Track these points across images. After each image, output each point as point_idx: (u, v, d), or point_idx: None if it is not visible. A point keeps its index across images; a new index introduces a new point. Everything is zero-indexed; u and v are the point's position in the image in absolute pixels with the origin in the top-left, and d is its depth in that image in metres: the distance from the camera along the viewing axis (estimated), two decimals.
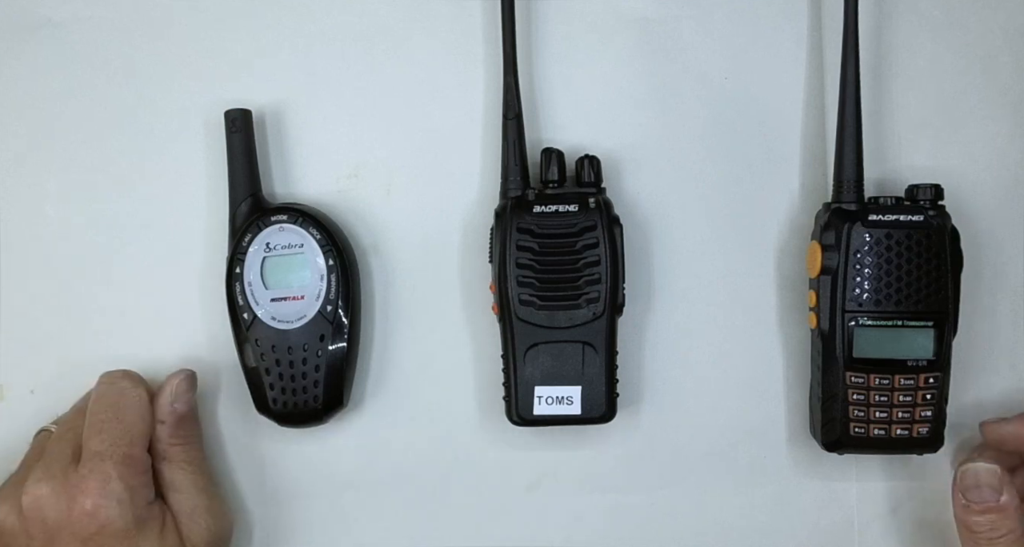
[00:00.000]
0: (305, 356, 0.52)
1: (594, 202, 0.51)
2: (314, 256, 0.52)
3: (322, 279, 0.52)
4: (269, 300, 0.52)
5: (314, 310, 0.52)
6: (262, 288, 0.52)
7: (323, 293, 0.52)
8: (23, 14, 0.56)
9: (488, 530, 0.56)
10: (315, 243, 0.52)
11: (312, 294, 0.52)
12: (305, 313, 0.52)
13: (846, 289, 0.50)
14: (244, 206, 0.53)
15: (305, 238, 0.52)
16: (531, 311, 0.51)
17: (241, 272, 0.52)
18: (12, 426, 0.55)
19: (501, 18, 0.53)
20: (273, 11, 0.55)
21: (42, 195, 0.56)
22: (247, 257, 0.52)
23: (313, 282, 0.52)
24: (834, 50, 0.53)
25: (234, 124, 0.53)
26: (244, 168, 0.53)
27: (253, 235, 0.52)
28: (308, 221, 0.52)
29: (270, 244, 0.52)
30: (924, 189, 0.51)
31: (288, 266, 0.52)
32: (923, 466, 0.55)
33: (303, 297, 0.52)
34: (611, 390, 0.52)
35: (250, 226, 0.52)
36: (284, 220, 0.52)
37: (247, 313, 0.52)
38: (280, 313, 0.52)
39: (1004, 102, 0.55)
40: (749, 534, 0.55)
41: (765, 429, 0.55)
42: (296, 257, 0.52)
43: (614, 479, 0.56)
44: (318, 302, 0.52)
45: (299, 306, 0.52)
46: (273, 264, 0.52)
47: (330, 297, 0.52)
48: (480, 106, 0.55)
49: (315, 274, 0.52)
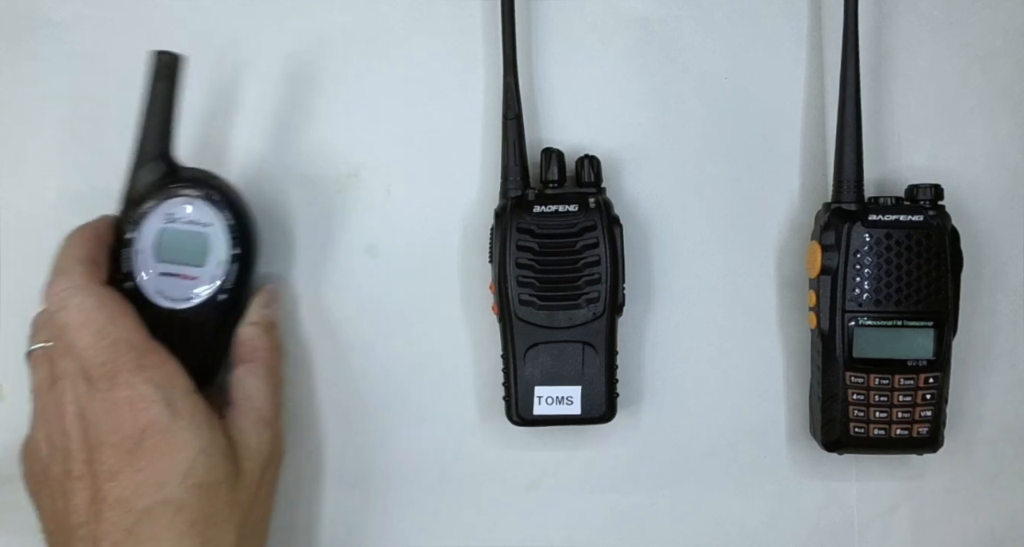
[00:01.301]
0: (183, 340, 0.47)
1: (594, 202, 0.51)
2: (220, 239, 0.48)
3: (219, 266, 0.48)
4: (158, 274, 0.48)
5: (204, 295, 0.48)
6: (151, 259, 0.48)
7: (219, 279, 0.48)
8: (23, 14, 0.56)
9: (488, 530, 0.56)
10: (224, 226, 0.48)
11: (206, 277, 0.48)
12: (193, 296, 0.48)
13: (846, 289, 0.50)
14: (150, 167, 0.48)
15: (214, 217, 0.48)
16: (531, 311, 0.51)
17: (133, 238, 0.48)
18: (12, 426, 0.55)
19: (501, 18, 0.53)
20: (273, 11, 0.55)
21: (42, 195, 0.56)
22: (144, 223, 0.48)
23: (212, 265, 0.48)
24: (834, 50, 0.53)
25: (163, 70, 0.48)
26: (161, 122, 0.48)
27: (157, 202, 0.48)
28: (223, 202, 0.48)
29: (174, 216, 0.48)
30: (924, 189, 0.51)
31: (186, 242, 0.48)
32: (923, 466, 0.55)
33: (196, 278, 0.48)
34: (611, 390, 0.52)
35: (155, 191, 0.48)
36: (197, 195, 0.48)
37: (129, 282, 0.48)
38: (167, 289, 0.48)
39: (1004, 102, 0.55)
40: (749, 534, 0.56)
41: (765, 429, 0.55)
42: (197, 235, 0.48)
43: (614, 479, 0.56)
44: (211, 287, 0.48)
45: (189, 286, 0.48)
46: (169, 236, 0.48)
47: (226, 286, 0.48)
48: (480, 106, 0.55)
49: (215, 257, 0.48)
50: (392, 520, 0.56)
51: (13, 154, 0.56)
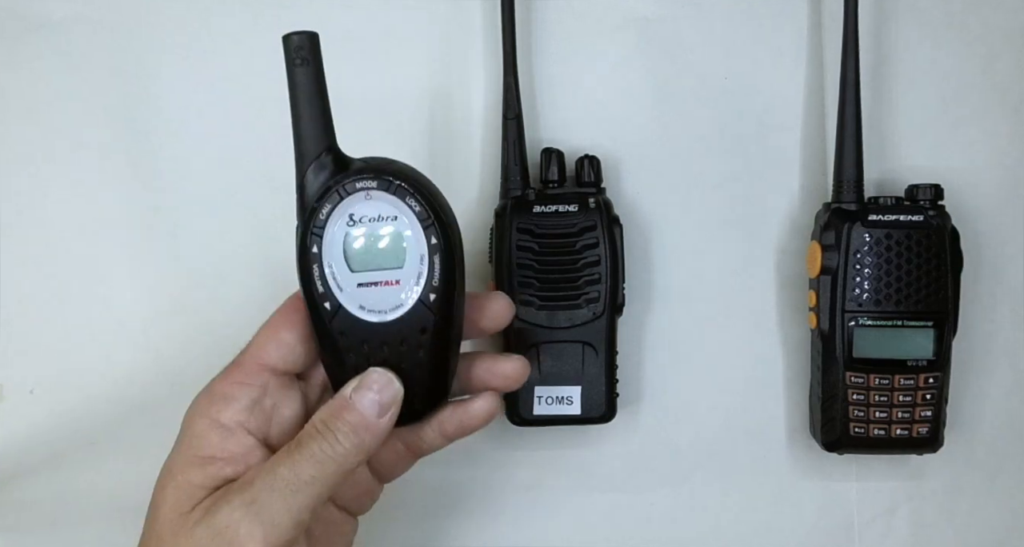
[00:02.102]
0: (402, 352, 0.42)
1: (594, 202, 0.51)
2: (413, 232, 0.41)
3: (422, 261, 0.41)
4: (356, 286, 0.41)
5: (413, 298, 0.41)
6: (347, 271, 0.41)
7: (424, 278, 0.41)
8: (23, 14, 0.56)
9: (488, 530, 0.56)
10: (414, 216, 0.41)
11: (410, 279, 0.41)
12: (401, 302, 0.41)
13: (846, 289, 0.50)
14: (317, 166, 0.41)
15: (400, 208, 0.41)
16: (531, 311, 0.51)
17: (320, 251, 0.41)
18: (12, 426, 0.55)
19: (501, 18, 0.53)
20: (273, 11, 0.55)
21: (42, 195, 0.56)
22: (326, 233, 0.41)
23: (412, 264, 0.41)
24: (834, 50, 0.53)
25: (298, 53, 0.41)
26: (317, 113, 0.41)
27: (333, 205, 0.41)
28: (405, 188, 0.41)
29: (354, 216, 0.41)
30: (924, 189, 0.51)
31: (378, 243, 0.41)
32: (923, 466, 0.55)
33: (398, 282, 0.41)
34: (611, 390, 0.52)
35: (328, 193, 0.41)
36: (373, 186, 0.41)
37: (329, 302, 0.41)
38: (370, 301, 0.41)
39: (1004, 102, 0.55)
40: (749, 534, 0.56)
41: (765, 429, 0.55)
42: (389, 233, 0.41)
43: (614, 479, 0.56)
44: (417, 288, 0.41)
45: (393, 293, 0.41)
46: (358, 240, 0.41)
47: (433, 283, 0.41)
48: (480, 106, 0.55)
49: (414, 254, 0.41)
50: (392, 520, 0.55)
51: (13, 154, 0.56)
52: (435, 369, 0.42)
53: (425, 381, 0.42)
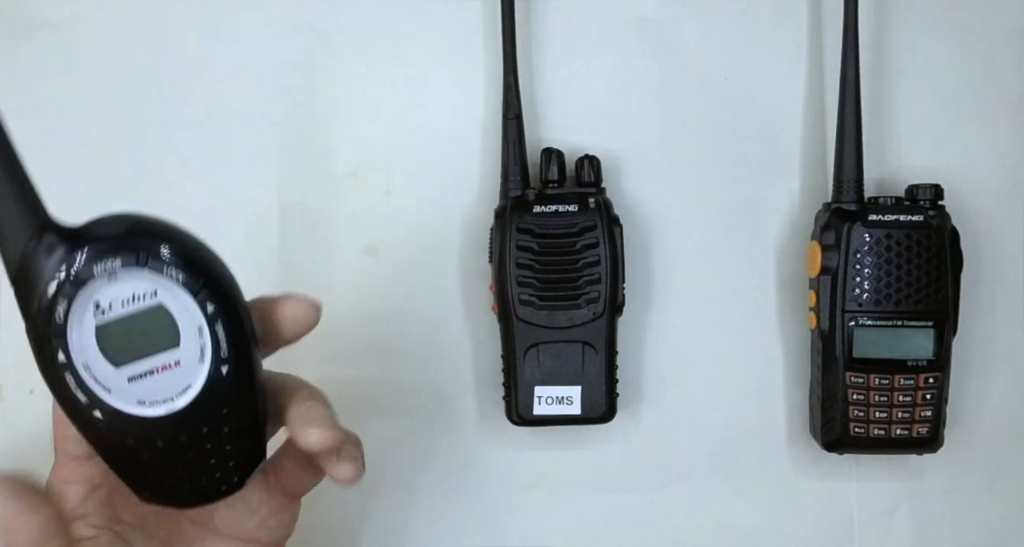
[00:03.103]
0: (205, 434, 0.36)
1: (594, 202, 0.51)
2: (181, 303, 0.34)
3: (202, 333, 0.35)
4: (126, 381, 0.34)
5: (201, 377, 0.35)
6: (110, 369, 0.34)
7: (209, 350, 0.35)
8: (23, 14, 0.56)
9: (488, 530, 0.56)
10: (177, 285, 0.34)
11: (191, 356, 0.35)
12: (189, 383, 0.35)
13: (846, 289, 0.50)
14: (30, 252, 0.33)
15: (158, 281, 0.34)
16: (531, 311, 0.51)
17: (69, 358, 0.34)
18: (12, 426, 0.55)
19: (501, 18, 0.53)
20: (273, 12, 0.55)
21: (42, 194, 0.55)
22: (69, 335, 0.34)
23: (190, 339, 0.35)
24: (834, 50, 0.53)
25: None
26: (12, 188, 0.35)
27: (68, 301, 0.33)
28: (156, 257, 0.34)
29: (100, 304, 0.34)
30: (924, 189, 0.51)
31: (141, 328, 0.34)
32: (923, 466, 0.55)
33: (178, 364, 0.35)
34: (611, 390, 0.52)
35: (57, 288, 0.33)
36: (116, 265, 0.33)
37: (99, 409, 0.34)
38: (149, 393, 0.35)
39: (1004, 102, 0.55)
40: (749, 534, 0.56)
41: (765, 429, 0.55)
42: (149, 312, 0.34)
43: (614, 479, 0.56)
44: (204, 365, 0.35)
45: (176, 377, 0.35)
46: (114, 331, 0.34)
47: (221, 354, 0.35)
48: (480, 106, 0.55)
49: (189, 328, 0.35)
50: (392, 520, 0.56)
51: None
52: (246, 437, 0.37)
53: (238, 452, 0.37)
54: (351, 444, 0.40)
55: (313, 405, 0.38)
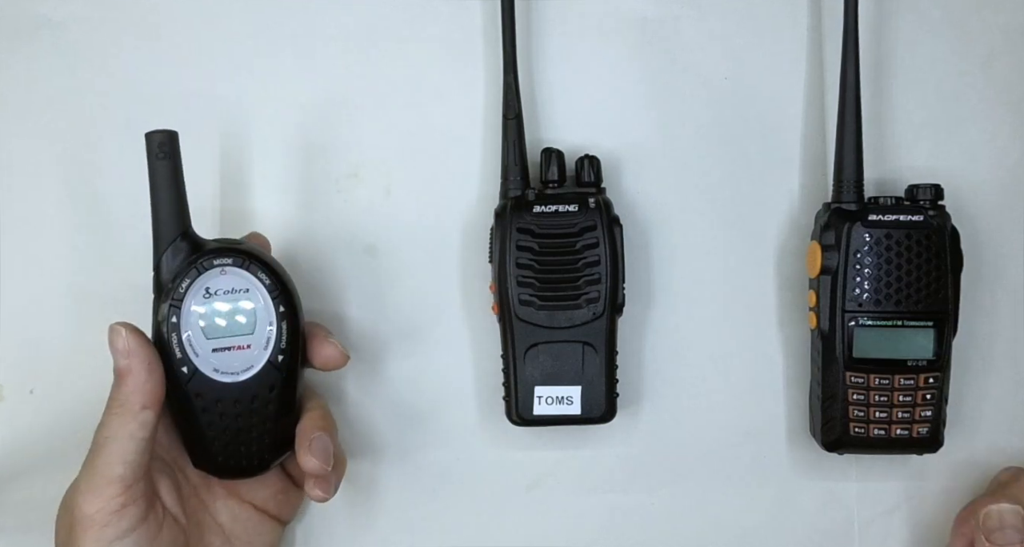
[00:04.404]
0: (253, 408, 0.47)
1: (594, 202, 0.51)
2: (263, 302, 0.47)
3: (271, 326, 0.47)
4: (211, 351, 0.47)
5: (263, 360, 0.47)
6: (203, 338, 0.47)
7: (272, 342, 0.47)
8: (23, 14, 0.56)
9: (488, 530, 0.56)
10: (264, 288, 0.47)
11: (259, 343, 0.47)
12: (252, 364, 0.47)
13: (846, 289, 0.50)
14: (174, 248, 0.47)
15: (251, 282, 0.47)
16: (531, 311, 0.51)
17: (178, 321, 0.46)
18: (12, 426, 0.55)
19: (501, 18, 0.53)
20: (273, 11, 0.55)
21: (42, 195, 0.56)
22: (183, 304, 0.46)
23: (261, 330, 0.47)
24: (834, 50, 0.53)
25: (160, 148, 0.46)
26: (174, 201, 0.46)
27: (191, 279, 0.46)
28: (256, 264, 0.47)
29: (210, 289, 0.47)
30: (924, 189, 0.51)
31: (231, 313, 0.47)
32: (923, 466, 0.55)
33: (249, 346, 0.47)
34: (611, 390, 0.52)
35: (186, 269, 0.46)
36: (228, 262, 0.47)
37: (186, 366, 0.46)
38: (224, 364, 0.47)
39: (1004, 102, 0.55)
40: (749, 534, 0.55)
41: (765, 429, 0.55)
42: (241, 303, 0.47)
43: (614, 479, 0.56)
44: (267, 352, 0.47)
45: (245, 356, 0.47)
46: (213, 311, 0.47)
47: (281, 346, 0.47)
48: (480, 106, 0.55)
49: (263, 322, 0.47)
50: (392, 520, 0.56)
51: (13, 154, 0.56)
52: (281, 422, 0.48)
53: (273, 432, 0.48)
54: (335, 472, 0.48)
55: (321, 436, 0.47)
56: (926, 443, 0.51)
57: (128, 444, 0.44)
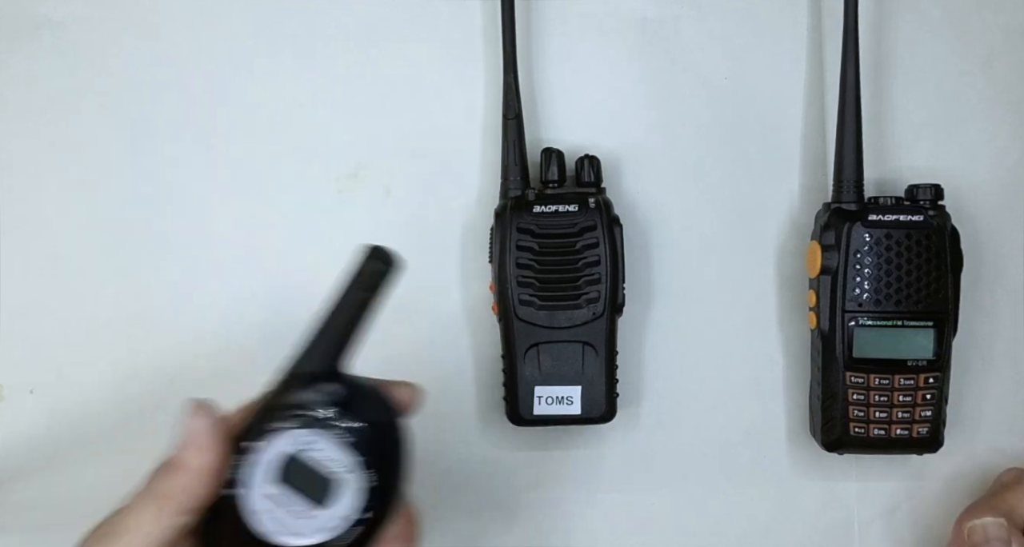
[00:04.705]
0: None
1: (594, 202, 0.51)
2: (352, 493, 0.39)
3: (341, 519, 0.39)
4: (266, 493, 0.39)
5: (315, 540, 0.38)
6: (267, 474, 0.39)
7: (335, 535, 0.39)
8: (23, 14, 0.56)
9: (488, 530, 0.56)
10: (363, 483, 0.39)
11: (324, 523, 0.39)
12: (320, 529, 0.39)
13: (846, 289, 0.50)
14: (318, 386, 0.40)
15: (357, 471, 0.39)
16: (531, 311, 0.51)
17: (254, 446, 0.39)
18: (12, 426, 0.55)
19: (501, 18, 0.53)
20: (273, 11, 0.55)
21: (42, 195, 0.56)
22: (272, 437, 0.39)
23: (335, 514, 0.39)
24: (834, 50, 0.53)
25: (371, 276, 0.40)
26: (345, 333, 0.40)
27: (300, 425, 0.39)
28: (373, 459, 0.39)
29: (311, 444, 0.39)
30: (924, 189, 0.51)
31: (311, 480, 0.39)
32: (923, 466, 0.55)
33: (313, 516, 0.39)
34: (611, 390, 0.52)
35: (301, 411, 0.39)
36: (350, 441, 0.39)
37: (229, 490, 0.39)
38: (270, 514, 0.39)
39: (1004, 102, 0.55)
40: (749, 534, 0.56)
41: (765, 429, 0.55)
42: (329, 475, 0.39)
43: (614, 479, 0.56)
44: (324, 535, 0.39)
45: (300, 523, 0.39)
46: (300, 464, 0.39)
47: (338, 543, 0.39)
48: (480, 106, 0.55)
49: (340, 508, 0.39)
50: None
51: (13, 154, 0.56)
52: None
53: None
54: None
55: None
56: (926, 443, 0.51)
57: (151, 542, 0.39)
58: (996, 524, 0.49)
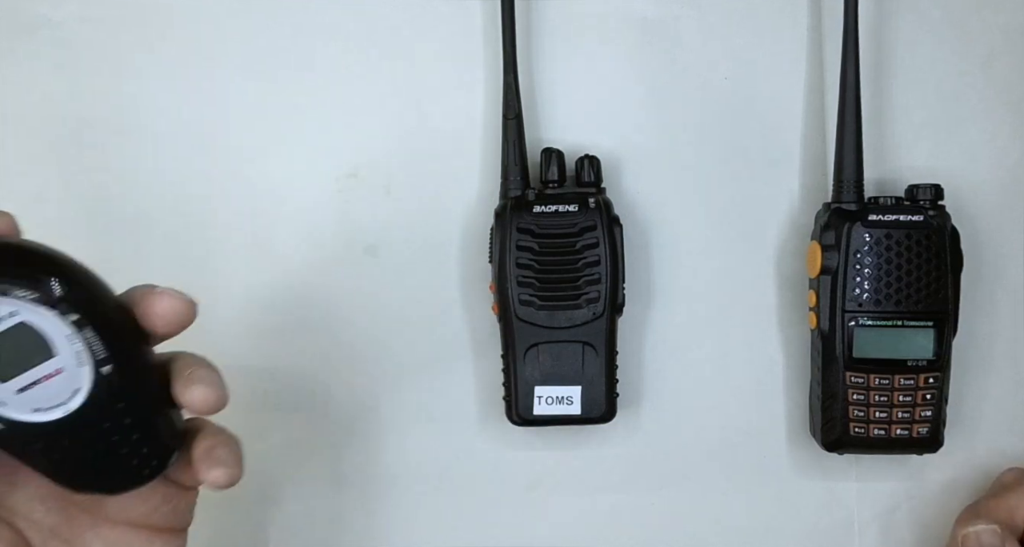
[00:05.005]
0: (107, 429, 0.38)
1: (594, 202, 0.51)
2: (43, 318, 0.36)
3: (71, 340, 0.36)
4: (15, 393, 0.36)
5: (87, 379, 0.37)
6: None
7: (87, 355, 0.36)
8: (23, 14, 0.56)
9: (488, 530, 0.56)
10: (34, 303, 0.35)
11: (70, 361, 0.36)
12: (77, 386, 0.37)
13: (846, 289, 0.50)
14: None
15: (13, 304, 0.35)
16: (531, 311, 0.51)
17: None
18: None
19: (501, 18, 0.53)
20: (273, 11, 0.55)
21: (42, 195, 0.56)
22: None
23: (64, 348, 0.36)
24: (834, 50, 0.53)
25: None
26: None
27: None
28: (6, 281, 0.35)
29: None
30: (924, 189, 0.51)
31: (13, 346, 0.36)
32: (923, 466, 0.55)
33: (60, 371, 0.36)
34: (611, 390, 0.52)
35: None
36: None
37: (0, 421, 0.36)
38: (41, 400, 0.37)
39: (1004, 102, 0.55)
40: (749, 534, 0.56)
41: (765, 429, 0.55)
42: (15, 331, 0.36)
43: (614, 479, 0.56)
44: (86, 367, 0.36)
45: (63, 382, 0.36)
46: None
47: (99, 355, 0.36)
48: (480, 106, 0.55)
49: (59, 338, 0.36)
50: (392, 520, 0.56)
51: (13, 154, 0.56)
52: (152, 425, 0.39)
53: (148, 441, 0.39)
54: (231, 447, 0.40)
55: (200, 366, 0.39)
56: (926, 443, 0.51)
57: None
58: (989, 531, 0.49)
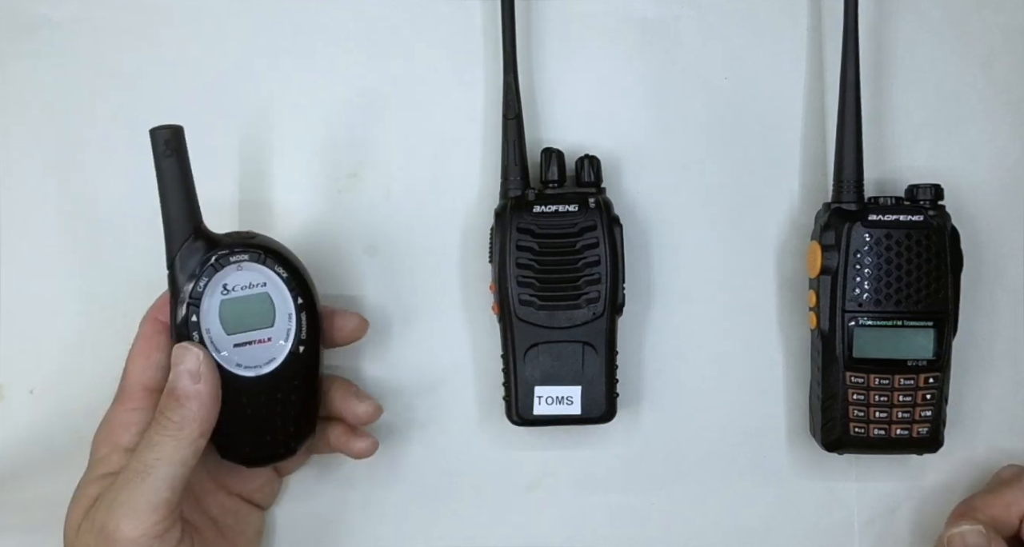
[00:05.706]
0: (278, 398, 0.48)
1: (594, 202, 0.51)
2: (280, 295, 0.48)
3: (290, 319, 0.48)
4: (232, 346, 0.47)
5: (284, 352, 0.48)
6: (222, 334, 0.47)
7: (293, 333, 0.48)
8: (23, 14, 0.56)
9: (488, 530, 0.56)
10: (281, 281, 0.47)
11: (280, 335, 0.48)
12: (274, 356, 0.48)
13: (846, 289, 0.50)
14: (188, 246, 0.46)
15: (268, 276, 0.47)
16: (531, 311, 0.51)
17: (198, 320, 0.46)
18: (12, 426, 0.55)
19: (501, 18, 0.53)
20: (273, 11, 0.55)
21: (42, 195, 0.56)
22: (203, 303, 0.46)
23: (281, 323, 0.48)
24: (834, 50, 0.53)
25: (166, 145, 0.45)
26: (183, 198, 0.46)
27: (208, 277, 0.46)
28: (272, 258, 0.47)
29: (228, 285, 0.47)
30: (924, 189, 0.51)
31: (251, 308, 0.47)
32: (923, 466, 0.55)
33: (269, 339, 0.47)
34: (611, 390, 0.52)
35: (203, 267, 0.46)
36: (244, 259, 0.47)
37: None
38: (246, 359, 0.47)
39: (1004, 102, 0.55)
40: (749, 534, 0.56)
41: (765, 429, 0.55)
42: (258, 297, 0.47)
43: (614, 479, 0.56)
44: (288, 343, 0.48)
45: (267, 349, 0.48)
46: (232, 307, 0.47)
47: (301, 337, 0.48)
48: (480, 106, 0.55)
49: (282, 314, 0.48)
50: (392, 520, 0.56)
51: (13, 154, 0.56)
52: (306, 409, 0.49)
53: (298, 420, 0.49)
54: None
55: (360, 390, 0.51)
56: (926, 443, 0.51)
57: (180, 470, 0.44)
58: (975, 532, 0.49)
